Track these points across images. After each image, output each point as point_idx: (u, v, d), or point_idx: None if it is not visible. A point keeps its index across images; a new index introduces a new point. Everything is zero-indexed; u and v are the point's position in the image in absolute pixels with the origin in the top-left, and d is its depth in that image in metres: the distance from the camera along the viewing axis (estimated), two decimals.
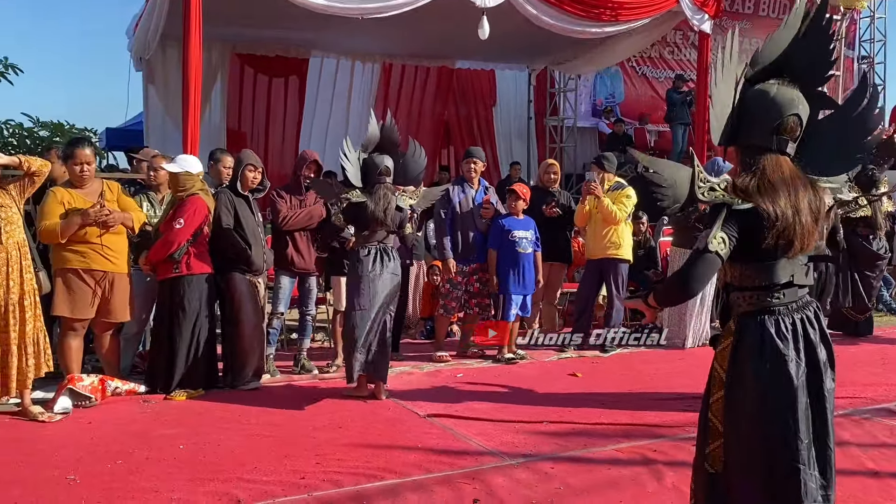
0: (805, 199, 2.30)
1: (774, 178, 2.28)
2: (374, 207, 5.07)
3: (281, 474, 3.70)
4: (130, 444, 4.13)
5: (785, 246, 2.29)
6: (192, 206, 5.15)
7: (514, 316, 6.47)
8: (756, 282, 2.34)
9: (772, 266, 2.33)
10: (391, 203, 5.13)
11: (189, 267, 5.14)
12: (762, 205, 2.23)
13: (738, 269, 2.37)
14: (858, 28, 16.05)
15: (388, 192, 5.14)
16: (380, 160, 5.16)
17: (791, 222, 2.26)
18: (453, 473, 3.72)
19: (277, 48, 11.84)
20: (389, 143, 5.27)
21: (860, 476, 3.76)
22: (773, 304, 2.33)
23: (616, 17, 9.59)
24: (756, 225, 2.25)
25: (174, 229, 5.07)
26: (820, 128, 2.41)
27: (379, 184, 5.14)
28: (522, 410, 4.91)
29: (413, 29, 10.14)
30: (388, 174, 5.19)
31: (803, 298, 2.38)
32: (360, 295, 5.06)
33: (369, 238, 5.17)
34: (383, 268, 5.10)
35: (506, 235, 6.43)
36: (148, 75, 10.78)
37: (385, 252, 5.17)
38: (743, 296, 2.38)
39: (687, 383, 5.64)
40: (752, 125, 2.34)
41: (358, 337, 4.99)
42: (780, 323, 2.32)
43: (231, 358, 5.40)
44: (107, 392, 5.02)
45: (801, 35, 2.39)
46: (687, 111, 12.22)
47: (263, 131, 12.10)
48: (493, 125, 13.95)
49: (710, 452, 2.43)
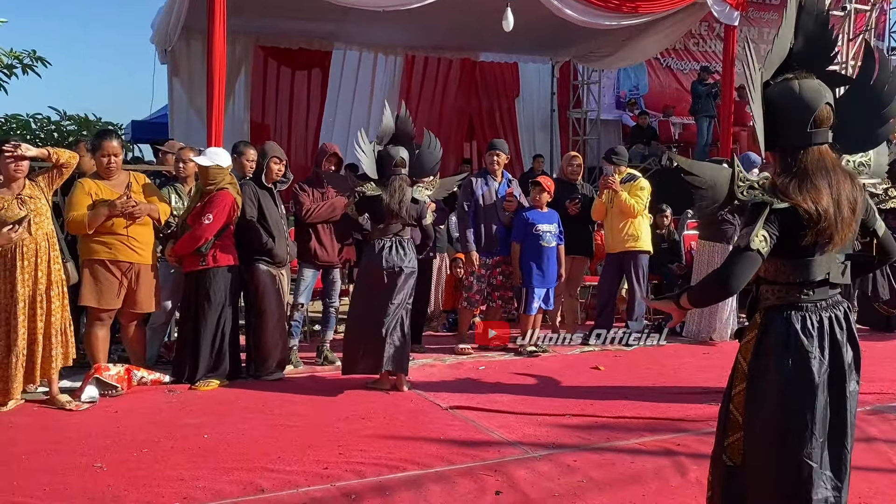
0: (845, 191, 2.27)
1: (816, 176, 2.25)
2: (389, 200, 5.05)
3: (304, 464, 3.72)
4: (156, 433, 4.18)
5: (824, 242, 2.26)
6: (222, 201, 5.16)
7: (536, 309, 6.45)
8: (791, 278, 2.31)
9: (809, 262, 2.30)
10: (406, 195, 5.10)
11: (216, 260, 5.17)
12: (803, 204, 2.20)
13: (774, 264, 2.34)
14: (888, 19, 15.77)
15: (403, 184, 5.12)
16: (395, 152, 5.14)
17: (833, 217, 2.23)
18: (475, 465, 3.73)
19: (300, 41, 11.87)
20: (404, 135, 5.25)
21: (887, 472, 3.71)
22: (801, 300, 2.31)
23: (636, 10, 9.48)
24: (795, 223, 2.22)
25: (203, 224, 5.10)
26: (839, 106, 2.38)
27: (394, 175, 5.12)
28: (545, 403, 4.90)
29: (436, 21, 10.10)
30: (404, 165, 5.17)
31: (834, 297, 2.35)
32: (371, 285, 5.05)
33: (385, 231, 5.14)
34: (398, 261, 5.07)
35: (530, 229, 6.40)
36: (173, 68, 10.85)
37: (401, 245, 5.14)
38: (772, 289, 2.36)
39: (712, 377, 5.58)
40: (788, 125, 2.31)
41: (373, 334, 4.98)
42: (806, 319, 2.30)
43: (255, 349, 5.44)
44: (132, 382, 5.08)
45: (798, 22, 2.36)
46: (712, 103, 12.08)
47: (286, 124, 12.14)
48: (515, 118, 13.88)
49: (730, 445, 2.42)
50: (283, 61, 11.99)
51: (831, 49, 2.41)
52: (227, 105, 9.96)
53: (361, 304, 5.17)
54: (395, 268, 5.05)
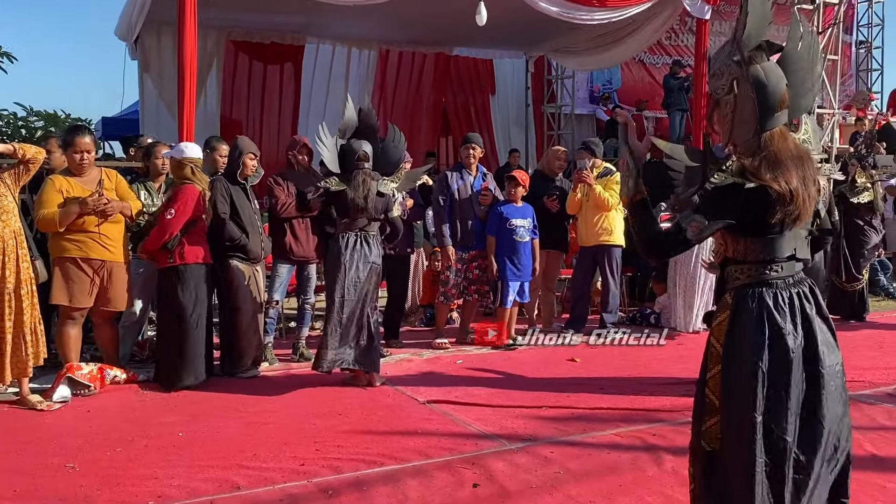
0: (809, 168, 2.33)
1: (785, 157, 2.29)
2: (354, 194, 5.00)
3: (280, 461, 3.70)
4: (130, 432, 4.13)
5: (793, 220, 2.30)
6: (184, 195, 5.11)
7: (511, 302, 6.47)
8: (760, 256, 2.33)
9: (777, 239, 2.32)
10: (371, 189, 5.05)
11: (183, 257, 5.10)
12: (774, 185, 2.23)
13: (744, 244, 2.36)
14: (857, 13, 15.98)
15: (367, 178, 5.06)
16: (357, 145, 5.10)
17: (800, 196, 2.27)
18: (453, 459, 3.73)
19: (272, 35, 11.75)
20: (367, 129, 5.19)
21: (859, 460, 3.76)
22: (771, 276, 2.33)
23: (604, 3, 9.52)
24: (765, 201, 2.25)
25: (165, 219, 5.05)
26: None
27: (358, 170, 5.06)
28: (522, 396, 4.91)
29: (409, 15, 10.06)
30: (367, 159, 5.11)
31: (799, 274, 2.39)
32: (338, 284, 4.99)
33: (350, 225, 5.09)
34: (361, 256, 5.03)
35: (504, 223, 6.41)
36: (143, 64, 10.69)
37: (366, 240, 5.09)
38: (741, 269, 2.37)
39: (686, 368, 5.63)
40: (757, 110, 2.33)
41: (340, 330, 4.95)
42: (777, 296, 2.32)
43: (229, 346, 5.39)
44: (106, 381, 5.01)
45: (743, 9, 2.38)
46: (684, 97, 12.15)
47: (259, 119, 12.02)
48: (490, 113, 13.89)
49: (707, 429, 2.41)
50: (255, 55, 11.87)
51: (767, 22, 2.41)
52: (199, 100, 9.81)
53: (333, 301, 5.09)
54: (357, 262, 5.01)
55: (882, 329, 7.35)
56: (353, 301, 5.00)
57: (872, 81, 16.13)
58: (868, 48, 16.11)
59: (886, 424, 4.33)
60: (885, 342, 6.55)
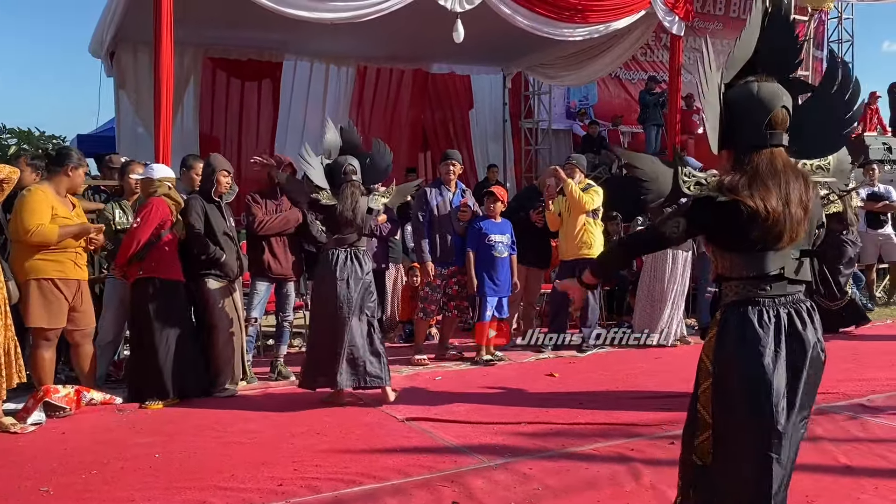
0: (796, 190, 2.32)
1: (766, 176, 2.30)
2: (342, 208, 5.00)
3: (258, 481, 3.67)
4: (105, 454, 4.08)
5: (774, 238, 2.30)
6: (151, 206, 5.15)
7: (489, 317, 6.48)
8: (744, 272, 2.35)
9: (761, 257, 2.33)
10: (360, 203, 5.06)
11: (154, 270, 5.08)
12: (748, 201, 2.25)
13: (728, 258, 2.38)
14: (826, 29, 16.27)
15: (356, 192, 5.06)
16: (343, 160, 5.11)
17: (781, 215, 2.27)
18: (432, 477, 3.72)
19: (250, 52, 11.76)
20: (351, 146, 5.21)
21: (833, 471, 3.81)
22: (759, 294, 2.34)
23: (585, 19, 9.64)
24: (738, 216, 2.27)
25: (132, 229, 5.10)
26: (801, 112, 2.43)
27: (346, 183, 5.06)
28: (501, 412, 4.92)
29: (387, 32, 10.11)
30: (355, 173, 5.11)
31: (795, 294, 2.38)
32: (328, 300, 4.97)
33: (340, 241, 5.08)
34: (353, 273, 5.01)
35: (482, 239, 6.44)
36: (119, 81, 10.64)
37: (356, 256, 5.08)
38: (731, 286, 2.39)
39: (663, 382, 5.70)
40: (743, 125, 2.36)
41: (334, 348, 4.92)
42: (763, 313, 2.32)
43: (206, 364, 5.35)
44: (81, 403, 4.95)
45: (765, 29, 2.42)
46: (659, 112, 12.31)
47: (237, 136, 11.98)
48: (469, 128, 13.97)
49: (699, 444, 2.41)
50: (233, 73, 11.86)
51: (796, 56, 2.46)
52: (176, 118, 9.80)
53: (320, 318, 5.10)
54: (348, 278, 4.99)
55: (856, 341, 7.45)
56: (350, 319, 4.95)
57: None
58: None
59: (860, 436, 4.38)
60: (860, 354, 6.64)
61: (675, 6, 10.18)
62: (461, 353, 6.69)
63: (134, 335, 5.25)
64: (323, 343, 5.00)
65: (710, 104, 2.38)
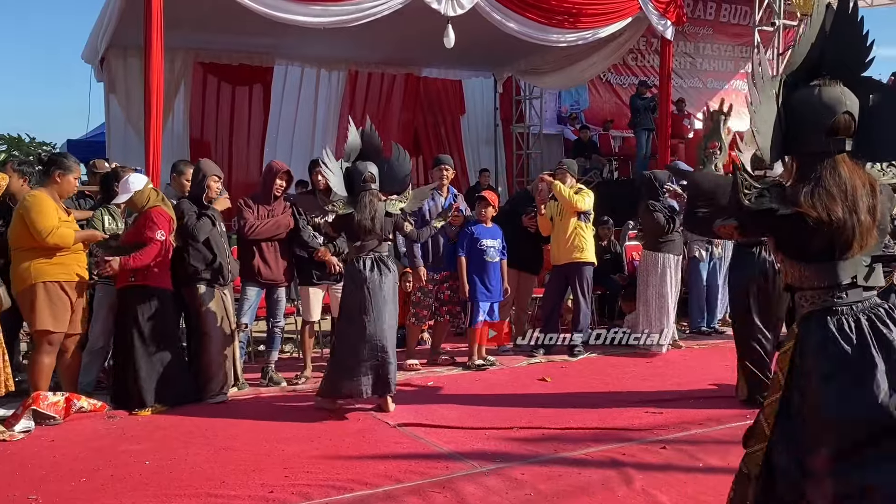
0: (863, 197, 2.23)
1: (829, 183, 2.22)
2: (361, 216, 4.94)
3: (249, 488, 3.65)
4: (95, 462, 4.06)
5: (843, 247, 2.23)
6: (161, 216, 5.11)
7: (481, 322, 6.47)
8: (817, 282, 2.28)
9: (832, 266, 2.25)
10: (378, 210, 5.01)
11: (146, 278, 5.05)
12: (811, 212, 2.18)
13: (798, 269, 2.31)
14: None
15: (374, 199, 5.02)
16: (363, 167, 5.05)
17: (848, 225, 2.20)
18: (423, 483, 3.71)
19: (241, 56, 11.75)
20: (372, 150, 5.16)
21: None
22: (835, 303, 2.25)
23: (575, 25, 9.68)
24: (808, 227, 2.20)
25: (159, 240, 5.01)
26: (871, 113, 2.31)
27: (364, 191, 5.02)
28: (492, 417, 4.91)
29: (378, 37, 10.13)
30: (374, 181, 5.06)
31: (871, 300, 2.28)
32: (361, 308, 4.91)
33: (361, 249, 5.03)
34: (382, 277, 4.98)
35: (474, 243, 6.44)
36: (109, 85, 10.63)
37: (381, 261, 5.04)
38: (805, 296, 2.32)
39: (655, 385, 5.71)
40: (805, 132, 2.27)
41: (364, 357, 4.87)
42: (843, 323, 2.23)
43: (197, 371, 5.32)
44: (71, 411, 4.91)
45: (828, 29, 2.31)
46: (650, 117, 12.35)
47: (227, 140, 11.98)
48: (461, 133, 13.99)
49: (751, 454, 2.35)
50: (224, 77, 11.85)
51: (867, 53, 2.33)
52: (166, 122, 9.78)
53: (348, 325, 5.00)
54: (377, 285, 4.96)
55: None
56: (380, 325, 4.93)
57: None
58: None
59: None
60: None
61: (667, 11, 10.24)
62: (453, 358, 6.68)
63: (119, 342, 5.20)
64: (351, 351, 4.91)
65: (763, 114, 2.28)
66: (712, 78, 15.62)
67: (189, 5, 8.14)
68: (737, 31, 15.22)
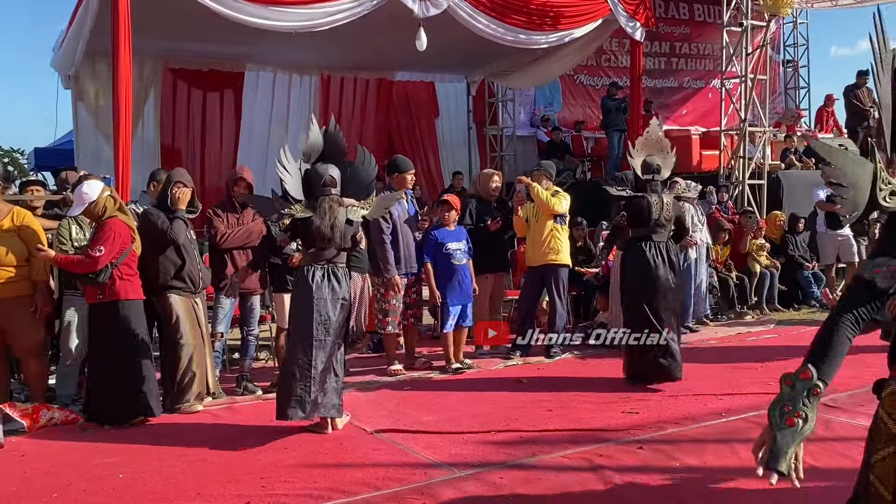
0: None
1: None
2: (320, 223, 4.61)
3: (225, 499, 3.62)
4: (67, 476, 3.99)
5: None
6: (111, 229, 4.89)
7: (451, 326, 6.46)
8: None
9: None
10: (339, 217, 4.66)
11: (114, 293, 4.92)
12: None
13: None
14: (782, 33, 16.62)
15: (334, 205, 4.67)
16: (323, 169, 4.70)
17: None
18: (402, 489, 3.70)
19: (211, 62, 11.67)
20: (335, 152, 4.83)
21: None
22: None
23: (556, 27, 9.74)
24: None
25: (95, 257, 4.78)
26: None
27: (324, 196, 4.69)
28: (470, 421, 4.90)
29: (350, 41, 10.10)
30: (334, 185, 4.72)
31: None
32: (305, 321, 4.58)
33: (316, 257, 4.68)
34: (331, 291, 4.63)
35: (440, 248, 6.42)
36: (77, 92, 10.49)
37: (334, 273, 4.67)
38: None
39: (631, 386, 5.74)
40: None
41: (310, 374, 4.52)
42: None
43: (171, 381, 5.25)
44: (40, 420, 4.84)
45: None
46: (622, 117, 12.44)
47: (199, 147, 11.88)
48: (436, 136, 14.02)
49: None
50: (194, 83, 11.76)
51: None
52: (136, 129, 9.69)
53: (294, 341, 4.67)
54: (326, 299, 4.61)
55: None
56: (327, 342, 4.61)
57: (800, 99, 16.78)
58: (795, 67, 16.75)
59: (824, 435, 4.44)
60: None
61: (636, 13, 10.33)
62: (430, 362, 6.66)
63: (90, 356, 5.12)
64: (295, 368, 4.58)
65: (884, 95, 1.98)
66: (689, 77, 15.77)
67: (156, 10, 8.05)
68: (713, 30, 15.40)
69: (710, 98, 15.04)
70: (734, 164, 10.74)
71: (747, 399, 5.21)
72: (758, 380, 5.77)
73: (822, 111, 14.57)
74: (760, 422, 4.67)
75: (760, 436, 1.95)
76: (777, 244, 9.62)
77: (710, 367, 6.04)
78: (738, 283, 9.02)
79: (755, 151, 10.78)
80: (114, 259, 4.89)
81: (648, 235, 5.90)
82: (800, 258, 9.56)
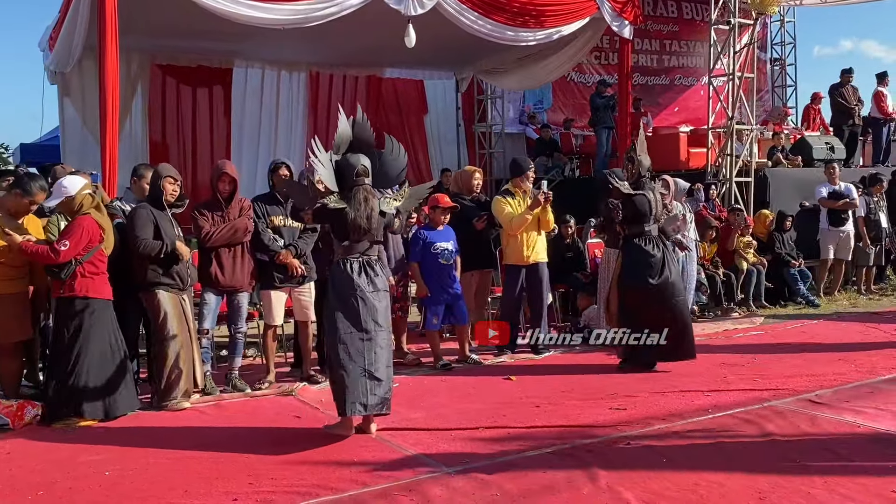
0: None
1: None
2: (356, 215, 4.46)
3: (212, 496, 3.61)
4: (53, 474, 3.97)
5: None
6: (79, 226, 4.88)
7: (436, 325, 6.44)
8: None
9: None
10: (374, 208, 4.53)
11: (74, 289, 4.89)
12: None
13: None
14: (769, 32, 16.69)
15: (369, 196, 4.52)
16: (355, 160, 4.54)
17: None
18: (390, 486, 3.70)
19: (199, 58, 11.61)
20: (363, 142, 4.66)
21: (784, 467, 3.89)
22: None
23: (542, 25, 9.73)
24: None
25: (60, 251, 4.77)
26: None
27: (358, 186, 4.54)
28: (458, 417, 4.91)
29: (338, 38, 10.08)
30: (367, 174, 4.56)
31: None
32: (353, 317, 4.44)
33: (350, 249, 4.54)
34: (370, 283, 4.51)
35: (427, 248, 6.41)
36: (63, 88, 10.39)
37: (370, 265, 4.55)
38: None
39: (617, 382, 5.76)
40: None
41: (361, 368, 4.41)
42: None
43: (158, 378, 5.24)
44: (25, 418, 4.81)
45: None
46: (610, 115, 12.45)
47: (189, 143, 11.82)
48: (425, 133, 14.01)
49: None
50: (182, 79, 11.70)
51: None
52: (124, 125, 9.64)
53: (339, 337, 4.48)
54: (367, 290, 4.49)
55: (804, 336, 7.61)
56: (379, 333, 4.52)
57: (787, 97, 16.86)
58: (782, 65, 16.83)
59: (809, 431, 4.47)
60: (807, 350, 6.80)
61: (623, 11, 10.34)
62: (419, 359, 6.66)
63: (53, 353, 5.09)
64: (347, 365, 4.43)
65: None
66: (680, 74, 15.80)
67: (143, 5, 8.00)
68: (701, 28, 15.44)
69: (701, 95, 15.06)
70: (721, 162, 10.78)
71: (734, 395, 5.24)
72: (744, 376, 5.80)
73: (809, 109, 14.63)
74: (747, 418, 4.74)
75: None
76: (764, 242, 9.67)
77: (697, 364, 6.06)
78: (725, 280, 9.05)
79: (742, 149, 10.83)
80: (79, 256, 4.86)
81: (646, 231, 6.19)
82: (786, 255, 9.61)
